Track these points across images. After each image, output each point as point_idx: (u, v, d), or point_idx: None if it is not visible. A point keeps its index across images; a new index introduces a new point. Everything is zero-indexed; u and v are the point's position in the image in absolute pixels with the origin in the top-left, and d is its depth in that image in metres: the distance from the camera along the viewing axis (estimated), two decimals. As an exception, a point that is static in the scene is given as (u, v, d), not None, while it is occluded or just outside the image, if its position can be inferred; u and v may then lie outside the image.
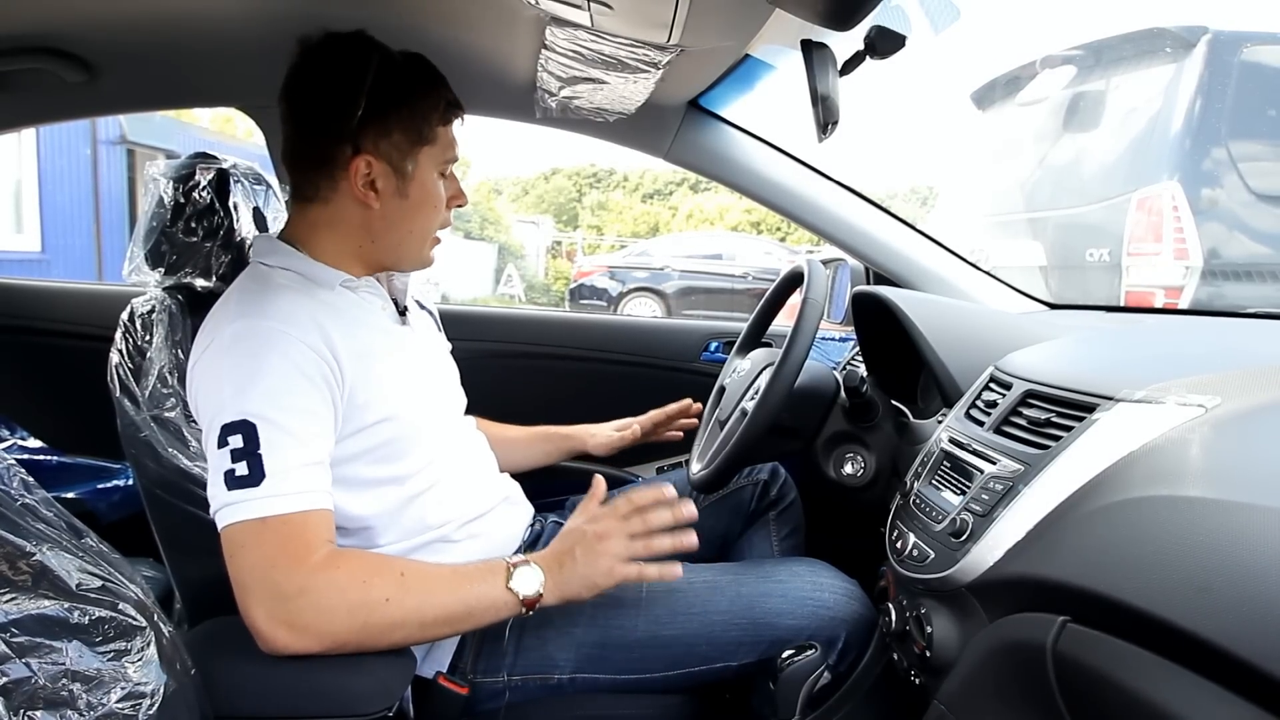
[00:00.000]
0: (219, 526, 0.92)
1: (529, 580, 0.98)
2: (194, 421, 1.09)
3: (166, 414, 1.24)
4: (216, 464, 0.92)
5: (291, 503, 0.92)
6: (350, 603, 0.91)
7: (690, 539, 1.04)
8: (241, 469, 0.91)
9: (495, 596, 0.97)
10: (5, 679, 0.62)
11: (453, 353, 1.33)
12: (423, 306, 1.32)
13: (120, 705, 0.68)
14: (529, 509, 1.33)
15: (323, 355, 0.99)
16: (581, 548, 1.01)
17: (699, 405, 1.56)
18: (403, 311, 1.20)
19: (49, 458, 1.92)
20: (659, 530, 1.03)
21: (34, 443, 1.95)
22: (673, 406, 1.55)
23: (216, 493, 0.92)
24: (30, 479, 0.76)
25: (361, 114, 1.05)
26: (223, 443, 0.92)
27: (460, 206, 1.18)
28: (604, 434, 1.55)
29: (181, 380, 1.24)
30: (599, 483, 1.10)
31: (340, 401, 1.01)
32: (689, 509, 1.06)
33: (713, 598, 1.14)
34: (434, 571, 0.99)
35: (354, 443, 1.04)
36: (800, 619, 1.12)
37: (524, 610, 0.98)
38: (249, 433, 0.92)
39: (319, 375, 0.98)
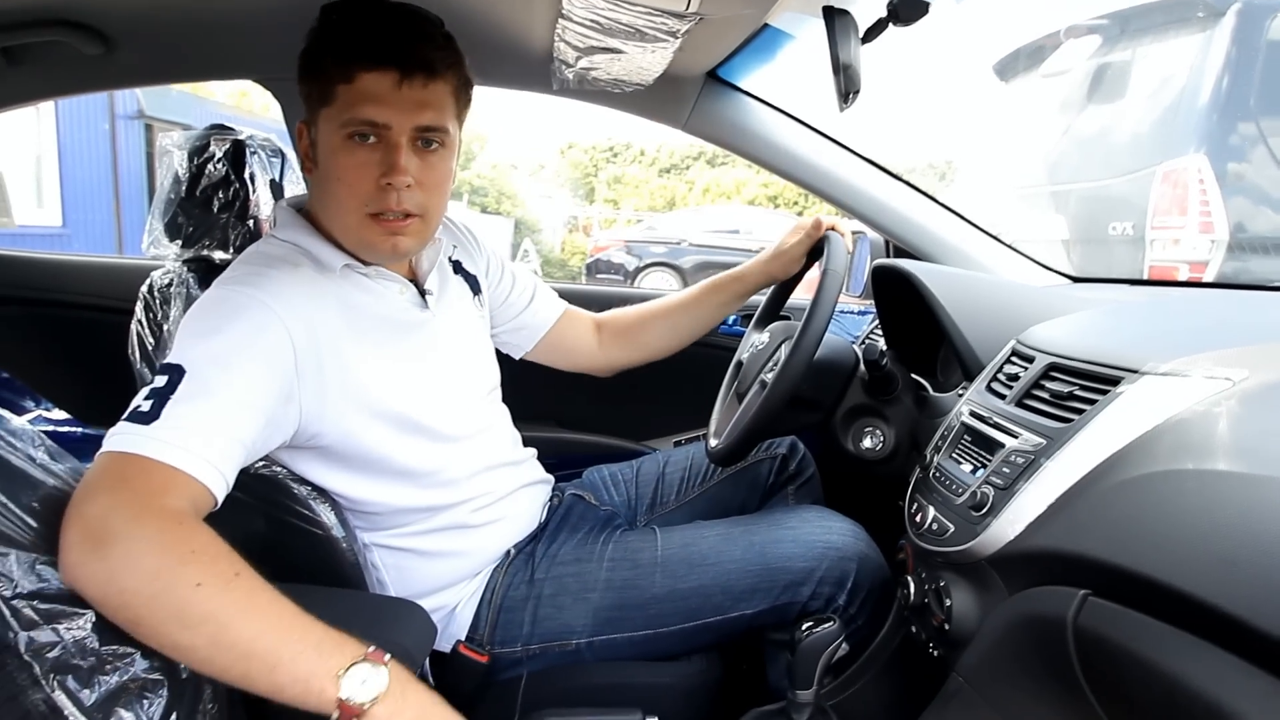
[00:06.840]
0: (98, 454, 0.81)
1: (367, 681, 0.71)
2: None
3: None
4: (134, 399, 0.84)
5: (168, 453, 0.79)
6: (159, 564, 0.71)
7: None
8: (145, 405, 0.82)
9: (312, 672, 0.71)
10: (35, 644, 0.63)
11: None
12: (461, 271, 1.26)
13: (145, 673, 0.69)
14: (548, 486, 1.32)
15: (297, 344, 0.93)
16: None
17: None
18: (425, 293, 1.13)
19: (72, 429, 1.95)
20: None
21: (57, 414, 1.98)
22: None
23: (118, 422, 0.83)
24: (57, 448, 0.77)
25: (300, 74, 1.02)
26: (153, 380, 0.85)
27: (393, 186, 0.98)
28: (781, 254, 1.41)
29: None
30: None
31: (301, 396, 0.95)
32: None
33: (726, 548, 1.15)
34: (271, 601, 0.74)
35: (354, 439, 1.01)
36: (810, 560, 1.13)
37: (334, 715, 0.70)
38: (174, 378, 0.84)
39: (280, 360, 0.92)
